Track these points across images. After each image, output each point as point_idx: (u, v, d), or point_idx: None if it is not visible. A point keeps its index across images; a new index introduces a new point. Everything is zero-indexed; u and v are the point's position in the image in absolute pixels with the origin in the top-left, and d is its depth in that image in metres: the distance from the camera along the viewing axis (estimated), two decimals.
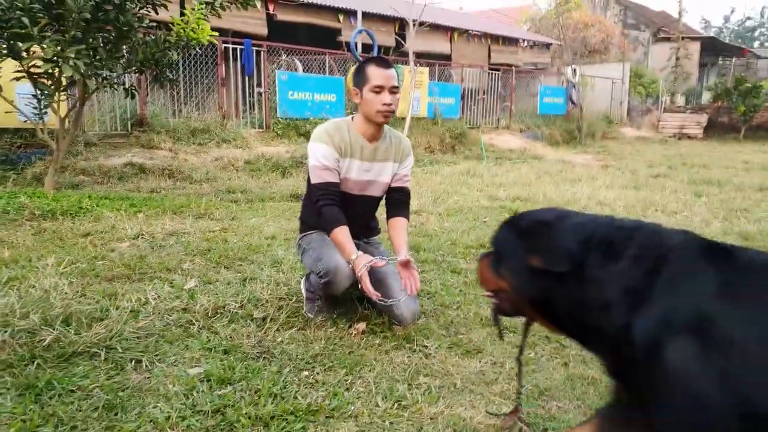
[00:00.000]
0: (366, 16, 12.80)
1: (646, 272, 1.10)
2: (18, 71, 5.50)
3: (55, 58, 5.23)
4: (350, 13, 12.87)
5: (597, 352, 1.28)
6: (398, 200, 3.03)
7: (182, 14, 6.54)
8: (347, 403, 2.07)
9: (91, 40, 5.47)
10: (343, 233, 2.67)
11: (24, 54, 5.38)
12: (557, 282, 1.21)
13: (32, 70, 5.52)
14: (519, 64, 17.97)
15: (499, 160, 11.70)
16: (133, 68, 6.30)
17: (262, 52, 10.13)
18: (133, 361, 2.31)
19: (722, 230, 5.24)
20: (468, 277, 3.63)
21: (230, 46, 9.80)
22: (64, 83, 5.76)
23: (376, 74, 2.70)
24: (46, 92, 5.71)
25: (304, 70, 10.89)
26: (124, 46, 5.98)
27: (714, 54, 29.75)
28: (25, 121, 6.16)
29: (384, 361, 2.43)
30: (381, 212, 3.12)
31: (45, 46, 5.20)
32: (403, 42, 12.78)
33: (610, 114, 19.86)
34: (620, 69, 21.04)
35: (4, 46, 5.31)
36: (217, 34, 6.79)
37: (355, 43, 11.46)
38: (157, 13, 6.11)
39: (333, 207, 2.74)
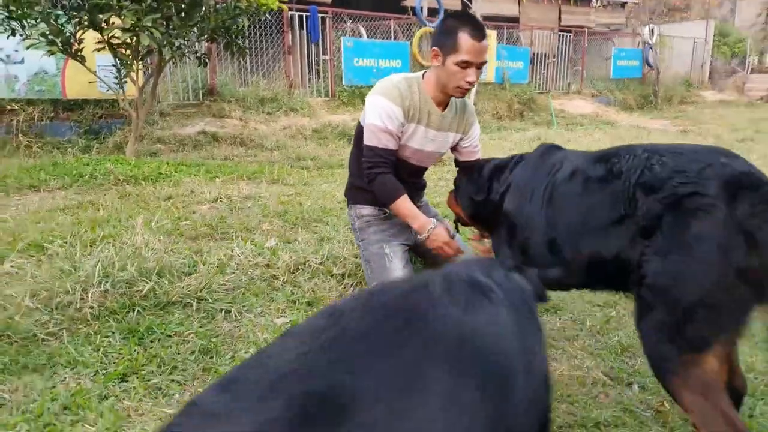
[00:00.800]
0: None
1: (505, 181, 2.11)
2: (99, 42, 5.74)
3: (133, 27, 5.42)
4: None
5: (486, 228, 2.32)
6: None
7: None
8: None
9: (165, 9, 5.64)
10: (407, 203, 2.42)
11: (104, 25, 5.60)
12: (481, 204, 2.20)
13: (112, 41, 5.75)
14: (591, 25, 17.18)
15: (570, 126, 11.32)
16: (205, 36, 6.46)
17: (327, 19, 10.13)
18: (223, 311, 2.42)
19: None
20: None
21: (295, 13, 9.85)
22: (142, 53, 5.97)
23: (468, 47, 2.25)
24: (125, 62, 5.94)
25: (368, 36, 10.83)
26: (197, 15, 6.11)
27: None
28: (107, 91, 6.45)
29: None
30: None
31: (123, 15, 5.40)
32: (469, 4, 12.45)
33: (690, 77, 18.69)
34: (703, 28, 19.69)
35: (86, 17, 5.55)
36: None
37: (421, 7, 11.27)
38: None
39: (389, 176, 2.43)
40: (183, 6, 5.90)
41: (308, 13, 9.89)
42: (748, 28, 23.83)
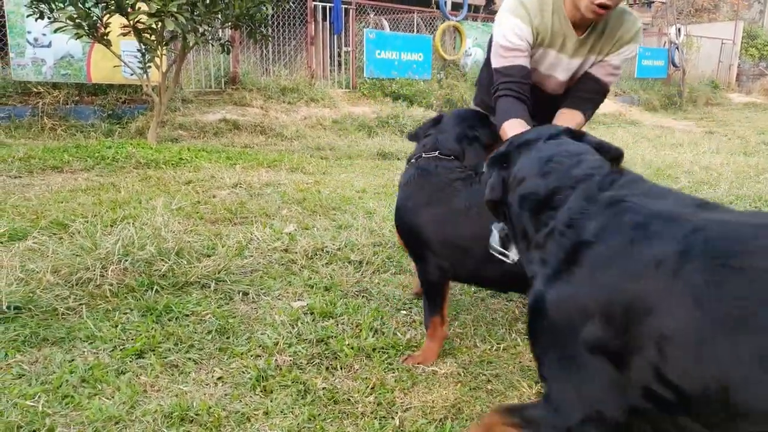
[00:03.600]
0: None
1: None
2: (124, 27, 5.78)
3: (158, 12, 5.45)
4: None
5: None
6: (582, 97, 2.17)
7: None
8: (446, 341, 2.08)
9: None
10: (510, 127, 1.94)
11: (130, 10, 5.64)
12: None
13: (137, 26, 5.79)
14: None
15: (593, 125, 11.17)
16: (229, 23, 6.48)
17: (350, 11, 10.11)
18: (241, 293, 2.43)
19: None
20: None
21: (319, 4, 9.85)
22: (166, 38, 6.00)
23: None
24: (150, 47, 5.98)
25: (391, 29, 10.79)
26: (221, 1, 6.12)
27: None
28: (131, 76, 6.50)
29: (480, 307, 2.42)
30: None
31: (150, 0, 5.43)
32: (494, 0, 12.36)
33: (717, 78, 18.38)
34: (731, 29, 19.33)
35: (113, 2, 5.59)
36: None
37: (445, 1, 11.20)
38: None
39: (508, 98, 2.03)
40: None
41: (332, 5, 9.87)
42: None
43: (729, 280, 0.94)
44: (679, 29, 16.27)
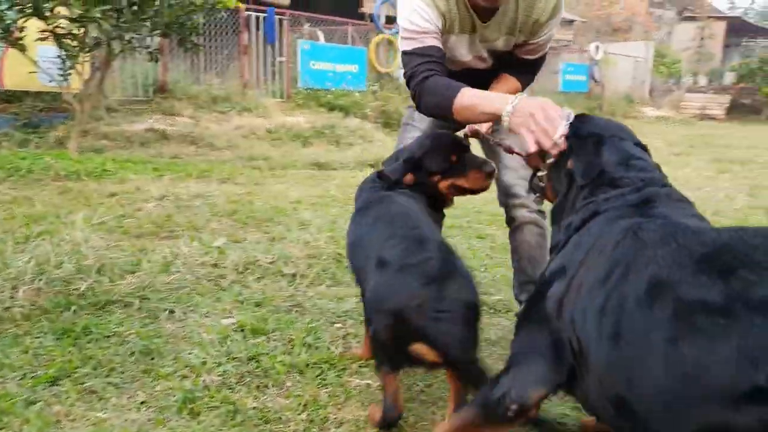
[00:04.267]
0: None
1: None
2: (42, 31, 5.48)
3: (80, 18, 5.21)
4: None
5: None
6: (516, 69, 2.10)
7: None
8: None
9: (115, 0, 5.43)
10: (471, 92, 1.74)
11: (48, 14, 5.35)
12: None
13: (57, 30, 5.50)
14: None
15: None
16: (158, 31, 6.26)
17: (284, 21, 10.03)
18: (167, 311, 2.32)
19: (748, 205, 5.13)
20: (494, 242, 3.60)
21: (252, 14, 9.72)
22: (89, 45, 5.73)
23: None
24: (71, 54, 5.69)
25: (325, 41, 10.79)
26: (150, 9, 5.92)
27: (739, 35, 29.00)
28: (50, 82, 6.16)
29: None
30: None
31: (70, 5, 5.18)
32: None
33: (632, 93, 19.53)
34: (644, 48, 20.61)
35: (29, 4, 5.29)
36: None
37: (378, 15, 11.31)
38: None
39: (438, 76, 1.83)
40: None
41: (265, 14, 9.77)
42: (683, 50, 25.25)
43: (623, 275, 1.09)
44: (598, 47, 17.20)
